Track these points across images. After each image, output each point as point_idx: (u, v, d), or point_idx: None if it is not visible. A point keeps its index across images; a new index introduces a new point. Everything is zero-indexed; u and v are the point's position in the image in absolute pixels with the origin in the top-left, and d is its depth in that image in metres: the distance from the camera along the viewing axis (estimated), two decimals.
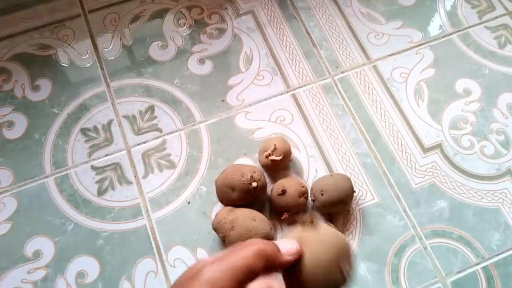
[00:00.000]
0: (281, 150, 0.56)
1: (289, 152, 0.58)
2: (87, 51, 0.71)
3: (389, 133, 0.62)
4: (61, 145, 0.63)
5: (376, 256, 0.55)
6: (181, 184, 0.60)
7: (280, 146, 0.56)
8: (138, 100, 0.66)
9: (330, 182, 0.54)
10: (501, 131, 0.62)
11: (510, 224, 0.57)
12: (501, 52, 0.68)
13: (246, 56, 0.69)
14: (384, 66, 0.67)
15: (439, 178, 0.59)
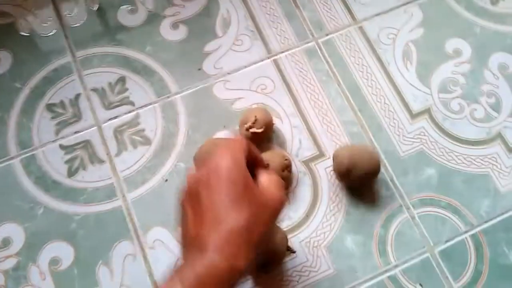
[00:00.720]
0: (262, 121, 0.53)
1: (271, 123, 0.54)
2: (49, 18, 0.65)
3: (376, 99, 0.59)
4: (25, 123, 0.59)
5: (362, 228, 0.53)
6: (158, 161, 0.57)
7: (261, 117, 0.53)
8: (107, 71, 0.62)
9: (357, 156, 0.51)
10: (492, 93, 0.60)
11: (500, 189, 0.55)
12: (493, 8, 0.65)
13: (223, 19, 0.64)
14: (371, 27, 0.63)
15: (428, 145, 0.57)
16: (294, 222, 0.54)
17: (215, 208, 0.32)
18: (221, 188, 0.33)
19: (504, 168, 0.56)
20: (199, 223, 0.33)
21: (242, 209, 0.32)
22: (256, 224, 0.32)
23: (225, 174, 0.33)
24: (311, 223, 0.54)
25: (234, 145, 0.36)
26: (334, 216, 0.54)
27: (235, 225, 0.32)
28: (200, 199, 0.33)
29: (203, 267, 0.30)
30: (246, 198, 0.33)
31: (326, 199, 0.55)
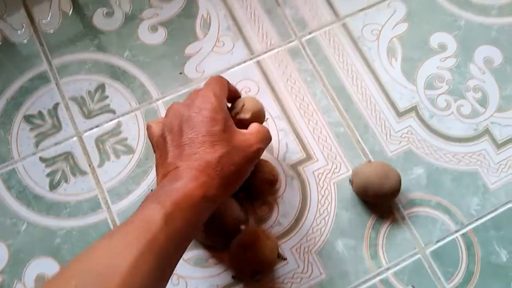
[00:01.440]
0: (250, 108, 0.48)
1: (260, 112, 0.49)
2: (22, 25, 0.62)
3: (361, 98, 0.58)
4: (3, 136, 0.57)
5: (352, 231, 0.53)
6: (141, 171, 0.55)
7: (250, 105, 0.48)
8: (85, 79, 0.60)
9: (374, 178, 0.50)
10: (478, 88, 0.59)
11: (489, 187, 0.55)
12: (476, 0, 0.63)
13: (203, 20, 0.62)
14: (354, 23, 0.62)
15: (415, 144, 0.56)
16: (284, 228, 0.53)
17: (194, 144, 0.36)
18: (202, 127, 0.37)
19: (493, 164, 0.56)
20: (178, 155, 0.37)
21: (218, 146, 0.37)
22: (228, 162, 0.37)
23: (207, 114, 0.38)
24: (301, 228, 0.53)
25: (215, 85, 0.41)
26: (324, 220, 0.53)
27: (209, 159, 0.36)
28: (182, 134, 0.37)
29: (179, 193, 0.34)
30: (223, 137, 0.37)
31: (316, 203, 0.54)
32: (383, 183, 0.49)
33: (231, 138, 0.38)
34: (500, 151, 0.56)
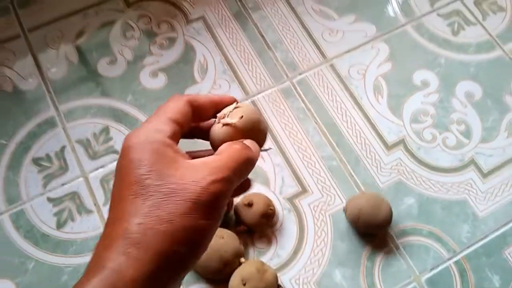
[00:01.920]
0: (243, 114, 0.31)
1: (257, 123, 0.30)
2: (31, 74, 0.66)
3: (352, 133, 0.62)
4: (12, 179, 0.59)
5: (349, 261, 0.54)
6: None
7: (244, 111, 0.31)
8: (90, 122, 0.63)
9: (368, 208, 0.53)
10: (461, 121, 0.63)
11: (478, 214, 0.57)
12: (455, 39, 0.68)
13: (200, 65, 0.67)
14: (341, 64, 0.66)
15: (405, 175, 0.59)
16: (283, 259, 0.55)
17: (114, 202, 0.25)
18: (117, 177, 0.25)
19: (480, 193, 0.58)
20: (107, 221, 0.25)
21: (138, 201, 0.23)
22: (158, 219, 0.23)
23: (126, 156, 0.25)
24: (300, 259, 0.55)
25: (159, 112, 0.27)
26: (321, 251, 0.55)
27: (125, 225, 0.23)
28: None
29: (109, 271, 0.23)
30: (146, 184, 0.24)
31: (312, 234, 0.56)
32: (375, 213, 0.52)
33: (165, 179, 0.24)
34: (486, 180, 0.59)
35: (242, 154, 0.26)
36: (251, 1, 0.71)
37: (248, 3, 0.71)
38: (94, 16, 0.70)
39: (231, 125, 0.28)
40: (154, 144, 0.25)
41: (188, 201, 0.23)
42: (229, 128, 0.28)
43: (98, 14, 0.70)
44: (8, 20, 0.69)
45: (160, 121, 0.26)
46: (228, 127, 0.28)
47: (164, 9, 0.70)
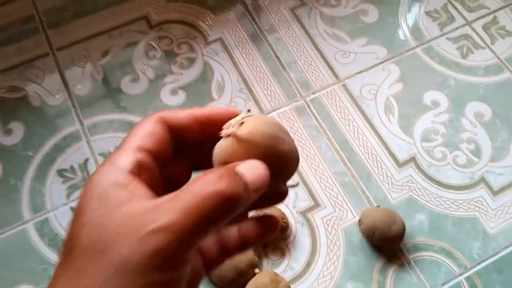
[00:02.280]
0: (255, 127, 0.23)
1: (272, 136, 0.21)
2: (58, 90, 0.70)
3: (363, 150, 0.64)
4: (38, 189, 0.62)
5: (361, 275, 0.56)
6: None
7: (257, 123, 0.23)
8: (113, 136, 0.66)
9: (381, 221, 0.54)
10: (471, 140, 0.64)
11: (488, 231, 0.58)
12: (464, 62, 0.71)
13: (218, 84, 0.70)
14: (353, 84, 0.69)
15: (416, 192, 0.61)
16: (296, 272, 0.56)
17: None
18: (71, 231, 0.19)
19: (490, 210, 0.59)
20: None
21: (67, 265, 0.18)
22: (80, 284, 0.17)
23: (77, 206, 0.20)
24: (312, 272, 0.56)
25: (123, 142, 0.21)
26: (333, 264, 0.56)
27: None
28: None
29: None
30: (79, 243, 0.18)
31: (325, 248, 0.57)
32: (390, 227, 0.53)
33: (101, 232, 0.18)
34: (496, 198, 0.60)
35: (211, 188, 0.17)
36: (266, 24, 0.74)
37: (264, 25, 0.74)
38: (119, 37, 0.74)
39: (235, 137, 0.20)
40: (101, 187, 0.19)
41: (113, 264, 0.17)
42: (231, 141, 0.20)
43: (122, 35, 0.74)
44: (38, 39, 0.74)
45: (120, 154, 0.20)
46: (230, 139, 0.20)
47: (184, 31, 0.74)
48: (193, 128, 0.22)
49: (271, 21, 0.74)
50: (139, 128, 0.21)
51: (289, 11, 0.75)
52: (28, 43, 0.73)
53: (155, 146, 0.21)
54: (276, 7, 0.76)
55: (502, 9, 0.76)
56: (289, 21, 0.74)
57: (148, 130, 0.21)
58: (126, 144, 0.21)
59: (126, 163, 0.20)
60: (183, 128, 0.22)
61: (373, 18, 0.74)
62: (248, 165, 0.19)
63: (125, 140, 0.21)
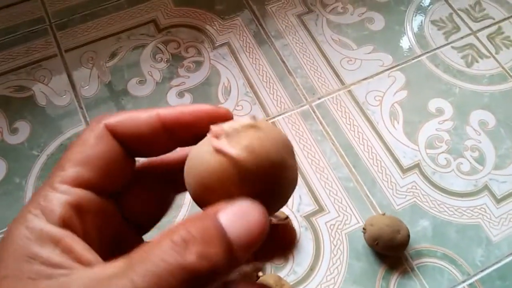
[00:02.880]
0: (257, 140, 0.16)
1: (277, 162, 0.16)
2: (65, 91, 0.71)
3: (368, 156, 0.64)
4: None
5: (364, 281, 0.55)
6: (165, 221, 0.60)
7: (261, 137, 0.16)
8: None
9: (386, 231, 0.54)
10: (475, 148, 0.65)
11: (492, 239, 0.58)
12: (469, 70, 0.71)
13: (224, 87, 0.70)
14: (359, 91, 0.69)
15: (420, 198, 0.61)
16: (299, 276, 0.56)
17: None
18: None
19: (494, 218, 0.59)
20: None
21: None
22: None
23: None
24: (316, 276, 0.56)
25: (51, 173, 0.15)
26: (337, 269, 0.56)
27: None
28: None
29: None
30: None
31: (329, 253, 0.57)
32: (394, 236, 0.53)
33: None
34: (499, 205, 0.60)
35: (174, 260, 0.12)
36: (273, 30, 0.75)
37: (271, 31, 0.75)
38: (127, 40, 0.74)
39: (228, 157, 0.14)
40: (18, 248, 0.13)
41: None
42: (223, 161, 0.14)
43: (130, 38, 0.75)
44: (46, 41, 0.75)
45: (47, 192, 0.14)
46: (222, 158, 0.15)
47: (192, 35, 0.75)
48: (158, 139, 0.16)
49: (278, 27, 0.75)
50: (77, 146, 0.15)
51: (296, 17, 0.76)
52: (37, 44, 0.74)
53: (100, 173, 0.15)
54: (283, 13, 0.77)
55: (506, 19, 0.76)
56: (296, 27, 0.75)
57: (89, 151, 0.15)
58: (57, 173, 0.15)
59: (56, 206, 0.14)
60: (143, 140, 0.16)
61: (379, 26, 0.75)
62: (235, 211, 0.13)
63: (57, 167, 0.15)
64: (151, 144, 0.16)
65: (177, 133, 0.16)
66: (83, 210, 0.14)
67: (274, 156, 0.15)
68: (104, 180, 0.15)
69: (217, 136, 0.15)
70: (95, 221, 0.15)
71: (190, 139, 0.16)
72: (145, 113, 0.16)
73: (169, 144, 0.16)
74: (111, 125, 0.16)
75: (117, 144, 0.16)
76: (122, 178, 0.16)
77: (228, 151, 0.14)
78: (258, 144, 0.15)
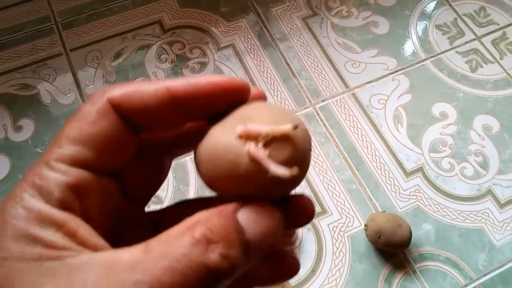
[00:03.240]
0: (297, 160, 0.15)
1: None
2: (69, 89, 0.71)
3: (372, 159, 0.64)
4: None
5: (367, 283, 0.55)
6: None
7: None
8: None
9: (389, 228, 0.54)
10: (479, 152, 0.65)
11: (494, 243, 0.58)
12: (473, 75, 0.71)
13: None
14: (363, 94, 0.69)
15: (423, 201, 0.61)
16: (301, 278, 0.56)
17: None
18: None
19: (497, 222, 0.59)
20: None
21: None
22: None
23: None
24: (317, 278, 0.56)
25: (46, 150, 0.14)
26: (339, 271, 0.56)
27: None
28: None
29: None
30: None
31: (331, 254, 0.57)
32: (396, 231, 0.53)
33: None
34: (503, 210, 0.60)
35: (194, 258, 0.12)
36: (278, 32, 0.75)
37: (276, 33, 0.75)
38: (132, 40, 0.75)
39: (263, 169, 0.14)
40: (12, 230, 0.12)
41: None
42: (255, 169, 0.14)
43: (135, 38, 0.75)
44: (52, 39, 0.75)
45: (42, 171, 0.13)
46: (255, 166, 0.14)
47: (197, 36, 0.75)
48: (167, 114, 0.14)
49: (283, 30, 0.75)
50: (76, 121, 0.14)
51: (301, 20, 0.77)
52: (42, 43, 0.74)
53: (101, 153, 0.14)
54: (288, 16, 0.77)
55: (511, 25, 0.77)
56: (301, 30, 0.75)
57: (89, 128, 0.14)
58: (54, 149, 0.13)
59: (54, 187, 0.13)
60: (150, 116, 0.14)
61: (383, 30, 0.75)
62: (253, 212, 0.13)
63: (54, 143, 0.14)
64: (159, 120, 0.15)
65: (188, 108, 0.15)
66: (82, 191, 0.13)
67: (305, 170, 0.15)
68: (104, 160, 0.14)
69: (252, 138, 0.14)
70: (95, 202, 0.14)
71: (202, 114, 0.15)
72: (153, 85, 0.14)
73: (178, 119, 0.15)
74: (115, 99, 0.14)
75: (120, 121, 0.14)
76: (125, 157, 0.15)
77: (268, 167, 0.14)
78: (294, 159, 0.14)
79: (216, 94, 0.15)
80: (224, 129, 0.15)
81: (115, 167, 0.15)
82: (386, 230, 0.53)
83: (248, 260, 0.13)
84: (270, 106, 0.16)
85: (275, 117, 0.15)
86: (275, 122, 0.15)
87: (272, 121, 0.15)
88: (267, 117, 0.15)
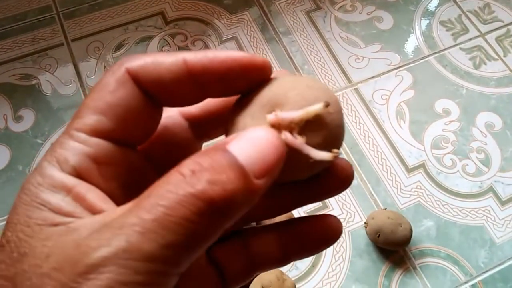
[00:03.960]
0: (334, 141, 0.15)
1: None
2: (70, 80, 0.70)
3: (373, 154, 0.64)
4: None
5: (366, 278, 0.55)
6: None
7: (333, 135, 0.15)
8: None
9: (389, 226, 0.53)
10: (481, 150, 0.64)
11: (495, 240, 0.58)
12: (476, 72, 0.71)
13: None
14: (366, 89, 0.69)
15: (424, 198, 0.60)
16: (301, 272, 0.56)
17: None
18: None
19: (498, 220, 0.59)
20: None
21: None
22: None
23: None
24: (317, 273, 0.56)
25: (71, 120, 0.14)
26: (339, 266, 0.56)
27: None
28: None
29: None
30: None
31: (331, 249, 0.57)
32: (396, 229, 0.53)
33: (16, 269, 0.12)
34: (504, 207, 0.60)
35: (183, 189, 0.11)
36: (281, 26, 0.75)
37: (279, 27, 0.75)
38: (134, 31, 0.74)
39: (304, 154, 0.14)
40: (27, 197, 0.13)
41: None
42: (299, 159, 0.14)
43: (137, 29, 0.74)
44: (53, 29, 0.74)
45: (63, 142, 0.14)
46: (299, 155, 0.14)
47: (199, 28, 0.75)
48: (184, 88, 0.14)
49: (286, 23, 0.75)
50: (96, 91, 0.14)
51: (305, 14, 0.76)
52: (44, 33, 0.74)
53: (120, 123, 0.14)
54: (291, 10, 0.76)
55: None
56: (304, 24, 0.75)
57: (108, 97, 0.14)
58: (75, 120, 0.14)
59: (71, 155, 0.13)
60: (167, 89, 0.14)
61: (387, 25, 0.75)
62: (246, 138, 0.12)
63: (76, 113, 0.14)
64: (176, 93, 0.14)
65: (205, 83, 0.14)
66: (101, 161, 0.14)
67: (342, 142, 0.15)
68: (124, 131, 0.14)
69: (284, 127, 0.13)
70: (115, 172, 0.14)
71: (222, 90, 0.15)
72: (171, 57, 0.14)
73: (196, 94, 0.15)
74: (132, 70, 0.14)
75: (139, 91, 0.14)
76: (145, 129, 0.15)
77: (310, 153, 0.13)
78: (332, 137, 0.14)
79: (235, 71, 0.14)
80: (253, 117, 0.14)
81: (136, 139, 0.15)
82: (385, 228, 0.53)
83: (252, 188, 0.12)
84: (294, 81, 0.15)
85: (304, 95, 0.14)
86: (305, 100, 0.14)
87: (301, 100, 0.14)
88: (296, 97, 0.14)
